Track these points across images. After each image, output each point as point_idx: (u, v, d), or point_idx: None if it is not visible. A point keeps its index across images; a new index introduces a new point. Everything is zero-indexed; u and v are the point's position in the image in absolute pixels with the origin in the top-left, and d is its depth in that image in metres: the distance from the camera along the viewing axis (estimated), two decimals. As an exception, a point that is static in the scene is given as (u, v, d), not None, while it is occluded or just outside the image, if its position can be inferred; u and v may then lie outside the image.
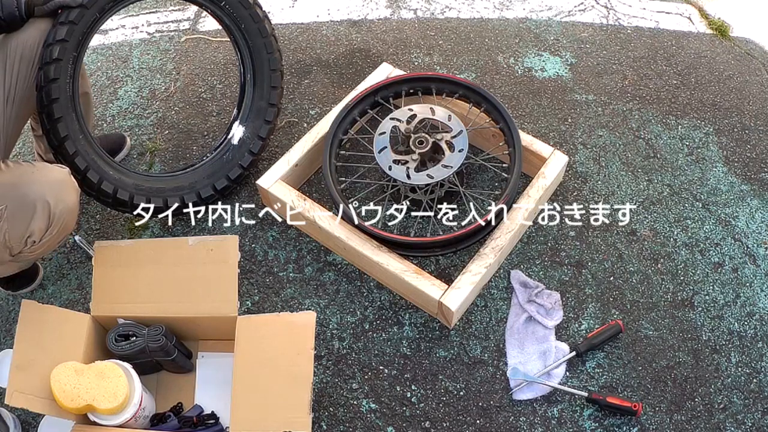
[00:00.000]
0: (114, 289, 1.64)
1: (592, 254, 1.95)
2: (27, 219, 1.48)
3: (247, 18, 1.93)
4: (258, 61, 2.00)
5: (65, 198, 1.53)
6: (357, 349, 1.80)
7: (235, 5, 1.90)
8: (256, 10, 1.94)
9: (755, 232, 2.00)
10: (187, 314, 1.63)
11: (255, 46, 1.97)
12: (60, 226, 1.54)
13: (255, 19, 1.94)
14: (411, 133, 1.90)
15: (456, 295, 1.72)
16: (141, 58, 2.47)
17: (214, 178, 1.99)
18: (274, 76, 2.02)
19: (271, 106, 2.04)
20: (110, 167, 1.82)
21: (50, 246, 1.58)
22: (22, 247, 1.52)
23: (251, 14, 1.93)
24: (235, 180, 2.01)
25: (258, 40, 1.96)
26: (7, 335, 1.84)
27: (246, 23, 1.93)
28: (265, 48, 1.98)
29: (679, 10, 2.65)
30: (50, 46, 1.63)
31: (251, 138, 2.03)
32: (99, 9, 1.71)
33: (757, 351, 1.78)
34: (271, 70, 2.01)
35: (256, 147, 2.04)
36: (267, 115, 2.04)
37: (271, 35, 1.98)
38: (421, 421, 1.69)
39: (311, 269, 1.94)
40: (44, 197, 1.49)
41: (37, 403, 1.46)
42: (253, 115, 2.04)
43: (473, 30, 2.54)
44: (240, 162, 2.02)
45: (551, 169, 1.95)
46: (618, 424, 1.68)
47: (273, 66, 2.01)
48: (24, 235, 1.49)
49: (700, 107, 2.30)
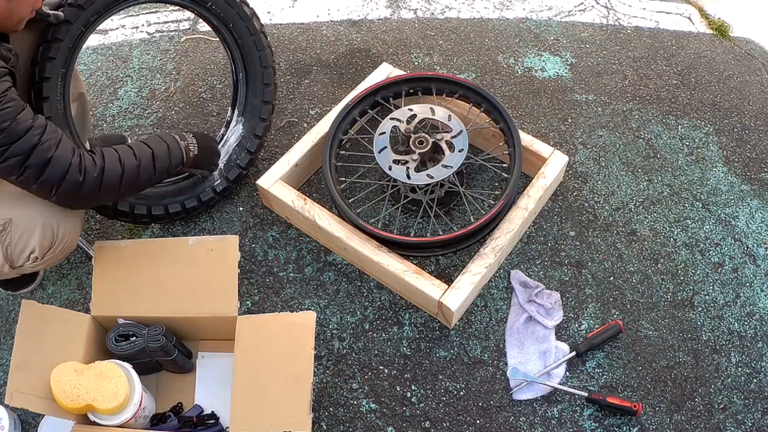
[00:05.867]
0: (114, 289, 1.64)
1: (592, 254, 1.95)
2: (29, 236, 1.47)
3: (234, 17, 1.91)
4: (249, 59, 1.98)
5: (70, 219, 1.52)
6: (357, 349, 1.80)
7: (221, 5, 1.88)
8: (243, 8, 1.91)
9: (755, 232, 2.00)
10: (187, 314, 1.63)
11: (245, 44, 1.95)
12: (63, 245, 1.53)
13: (242, 17, 1.92)
14: (411, 133, 1.90)
15: (456, 295, 1.72)
16: (141, 58, 2.47)
17: (212, 181, 1.99)
18: (266, 72, 2.01)
19: (265, 104, 2.03)
20: None
21: (52, 263, 1.57)
22: (24, 262, 1.51)
23: (238, 13, 1.91)
24: (234, 180, 2.01)
25: (248, 39, 1.95)
26: (7, 335, 1.84)
27: (234, 22, 1.91)
28: (255, 46, 1.96)
29: (679, 10, 2.65)
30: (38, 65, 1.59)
31: (248, 137, 2.03)
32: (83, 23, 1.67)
33: (757, 351, 1.78)
34: (263, 67, 2.00)
35: (253, 146, 2.03)
36: (262, 112, 2.03)
37: (260, 32, 1.96)
38: (421, 421, 1.69)
39: (311, 269, 1.94)
40: (48, 217, 1.48)
41: (37, 403, 1.46)
42: (248, 114, 2.04)
43: (473, 30, 2.54)
44: (238, 162, 2.02)
45: (551, 169, 1.95)
46: (618, 424, 1.68)
47: (264, 63, 2.00)
48: (26, 250, 1.49)
49: (700, 107, 2.30)
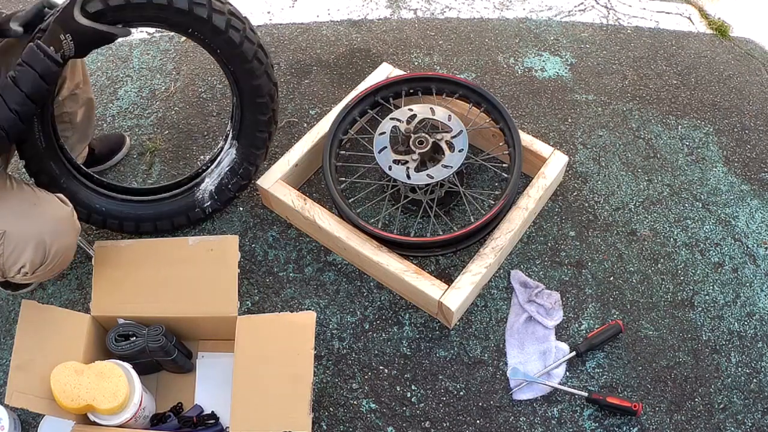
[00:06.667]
0: (114, 289, 1.64)
1: (592, 254, 1.95)
2: (21, 251, 1.44)
3: (221, 44, 1.69)
4: (243, 86, 1.78)
5: (63, 238, 1.49)
6: (357, 349, 1.80)
7: (205, 32, 1.66)
8: (230, 35, 1.66)
9: (755, 232, 2.00)
10: (187, 314, 1.63)
11: (237, 72, 1.75)
12: (54, 264, 1.49)
13: (231, 45, 1.68)
14: (411, 133, 1.90)
15: (456, 295, 1.72)
16: (141, 58, 2.47)
17: (202, 202, 1.94)
18: (263, 104, 1.81)
19: (260, 133, 1.87)
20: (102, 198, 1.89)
21: (44, 278, 1.54)
22: (15, 274, 1.48)
23: (225, 40, 1.67)
24: (225, 203, 1.96)
25: (239, 66, 1.74)
26: (7, 335, 1.84)
27: (222, 49, 1.70)
28: (249, 74, 1.75)
29: (679, 10, 2.65)
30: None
31: (240, 164, 1.91)
32: None
33: (757, 351, 1.78)
34: (259, 96, 1.79)
35: (246, 174, 1.93)
36: (256, 142, 1.89)
37: (254, 59, 1.72)
38: (421, 421, 1.69)
39: (311, 269, 1.94)
40: (42, 235, 1.45)
41: (37, 403, 1.46)
42: (243, 140, 1.89)
43: (473, 30, 2.54)
44: (229, 186, 1.93)
45: (551, 169, 1.95)
46: (618, 424, 1.68)
47: (260, 94, 1.79)
48: (17, 264, 1.46)
49: (700, 107, 2.30)
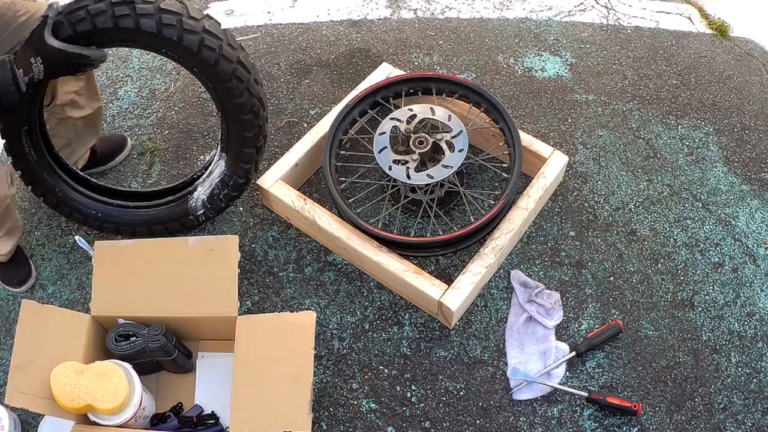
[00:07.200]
0: (114, 289, 1.64)
1: (592, 254, 1.95)
2: None
3: (197, 64, 1.64)
4: (227, 103, 1.73)
5: None
6: (357, 349, 1.80)
7: (178, 53, 1.60)
8: (203, 55, 1.60)
9: (755, 232, 2.00)
10: (187, 314, 1.63)
11: (218, 90, 1.70)
12: None
13: (205, 65, 1.63)
14: (411, 133, 1.90)
15: (456, 295, 1.72)
16: (141, 58, 2.47)
17: (195, 210, 1.93)
18: (247, 120, 1.76)
19: (247, 149, 1.82)
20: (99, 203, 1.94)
21: None
22: None
23: (199, 60, 1.62)
24: (217, 211, 1.95)
25: (218, 85, 1.68)
26: (7, 335, 1.84)
27: (198, 69, 1.66)
28: (229, 93, 1.69)
29: (679, 10, 2.65)
30: None
31: (230, 176, 1.88)
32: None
33: (757, 351, 1.78)
34: (242, 114, 1.74)
35: (235, 186, 1.90)
36: (243, 157, 1.84)
37: (232, 78, 1.66)
38: (421, 421, 1.69)
39: (311, 269, 1.94)
40: None
41: (37, 403, 1.46)
42: (231, 154, 1.85)
43: (473, 30, 2.54)
44: (221, 196, 1.91)
45: (551, 169, 1.95)
46: (618, 424, 1.68)
47: (243, 111, 1.73)
48: None
49: (700, 107, 2.30)
